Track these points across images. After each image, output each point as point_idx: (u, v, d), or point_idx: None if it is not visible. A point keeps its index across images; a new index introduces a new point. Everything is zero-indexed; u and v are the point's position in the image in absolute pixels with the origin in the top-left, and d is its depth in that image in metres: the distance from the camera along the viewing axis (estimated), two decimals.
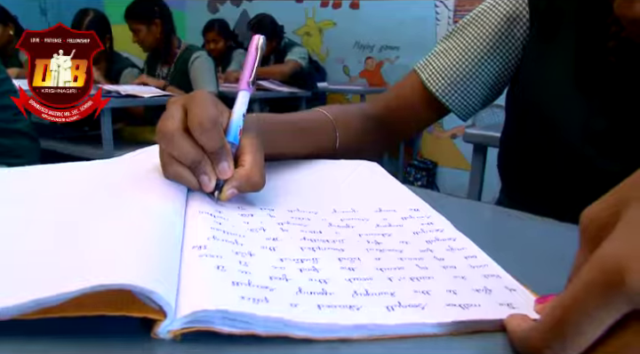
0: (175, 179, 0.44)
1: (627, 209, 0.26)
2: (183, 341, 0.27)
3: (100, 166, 0.51)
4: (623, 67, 0.67)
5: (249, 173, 0.45)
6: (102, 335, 0.27)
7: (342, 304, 0.30)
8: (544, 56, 0.75)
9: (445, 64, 0.80)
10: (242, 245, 0.35)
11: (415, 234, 0.43)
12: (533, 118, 0.76)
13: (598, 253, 0.24)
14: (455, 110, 0.81)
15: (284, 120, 0.64)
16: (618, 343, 0.23)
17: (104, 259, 0.28)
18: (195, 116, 0.44)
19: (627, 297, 0.23)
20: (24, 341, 0.26)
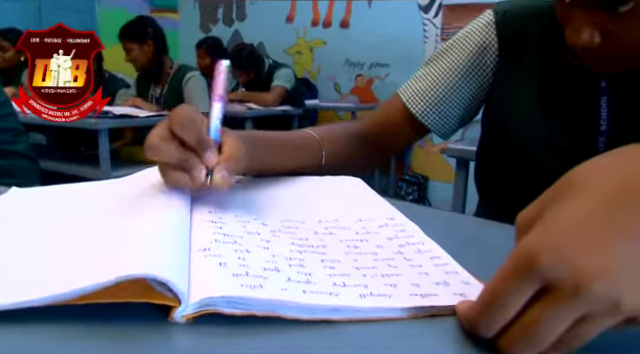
0: (174, 184, 0.49)
1: (546, 211, 0.33)
2: (195, 324, 0.33)
3: (114, 185, 0.58)
4: (578, 90, 0.75)
5: (232, 153, 0.51)
6: (128, 319, 0.33)
7: (324, 291, 0.37)
8: (512, 81, 0.82)
9: (424, 87, 0.87)
10: (240, 245, 0.42)
11: (389, 239, 0.50)
12: (503, 137, 0.83)
13: (519, 245, 0.31)
14: (434, 130, 0.88)
15: (272, 137, 0.70)
16: (532, 312, 0.30)
17: (132, 256, 0.34)
18: (176, 119, 0.49)
19: (538, 276, 0.29)
20: (68, 320, 0.33)
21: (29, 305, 0.32)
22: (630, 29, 0.61)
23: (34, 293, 0.32)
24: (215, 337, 0.33)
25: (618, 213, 0.31)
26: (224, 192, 0.51)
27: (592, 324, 0.29)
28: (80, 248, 0.39)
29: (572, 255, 0.29)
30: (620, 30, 0.61)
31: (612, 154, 0.35)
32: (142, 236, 0.38)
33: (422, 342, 0.34)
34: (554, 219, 0.32)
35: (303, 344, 0.33)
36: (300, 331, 0.34)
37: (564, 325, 0.29)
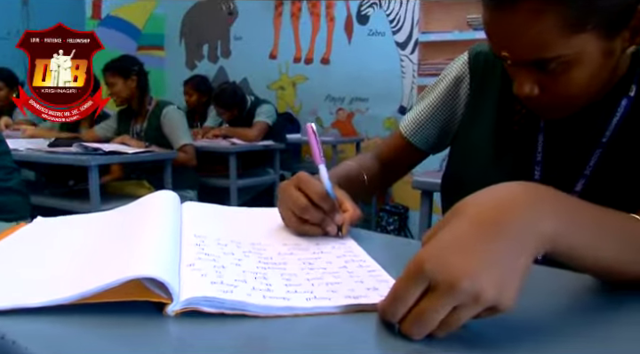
0: (307, 233, 0.71)
1: (438, 231, 0.45)
2: (181, 317, 0.45)
3: (121, 212, 0.70)
4: (524, 131, 0.88)
5: (353, 214, 0.73)
6: (133, 312, 0.45)
7: (279, 297, 0.49)
8: (474, 121, 0.95)
9: (412, 114, 1.04)
10: (217, 262, 0.54)
11: (338, 257, 0.62)
12: (461, 171, 0.96)
13: (414, 257, 0.43)
14: (422, 147, 1.03)
15: (342, 175, 0.92)
16: (421, 304, 0.43)
17: (141, 263, 0.46)
18: (313, 194, 0.71)
19: (424, 278, 0.42)
20: (86, 314, 0.44)
21: (62, 302, 0.44)
22: (559, 83, 0.74)
23: (65, 293, 0.44)
24: (196, 327, 0.44)
25: (482, 232, 0.44)
26: (206, 220, 0.64)
27: (463, 311, 0.42)
28: (100, 259, 0.51)
29: (446, 263, 0.42)
30: (552, 84, 0.75)
31: (488, 189, 0.48)
32: (147, 251, 0.50)
33: (352, 329, 0.46)
34: (439, 237, 0.44)
35: (259, 332, 0.45)
36: (258, 323, 0.46)
37: (443, 312, 0.42)
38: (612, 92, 0.81)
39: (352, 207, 0.74)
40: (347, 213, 0.73)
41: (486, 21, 0.74)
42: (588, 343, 0.45)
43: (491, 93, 0.92)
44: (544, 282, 0.59)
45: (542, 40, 0.69)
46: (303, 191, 0.71)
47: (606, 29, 0.69)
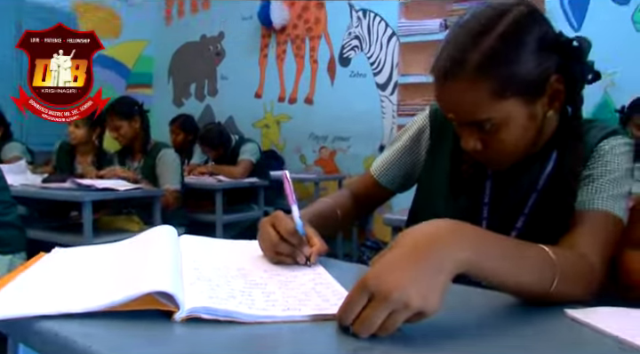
0: (281, 262, 0.85)
1: (385, 254, 0.60)
2: (185, 322, 0.59)
3: (131, 243, 0.84)
4: (475, 182, 1.03)
5: (319, 248, 0.87)
6: (146, 318, 0.58)
7: (260, 308, 0.63)
8: (434, 166, 1.11)
9: (382, 158, 1.19)
10: (212, 282, 0.68)
11: (309, 280, 0.76)
12: (423, 209, 1.11)
13: (363, 276, 0.58)
14: (389, 187, 1.18)
15: (316, 214, 1.04)
16: (365, 311, 0.57)
17: (156, 281, 0.60)
18: (284, 231, 0.85)
19: (367, 291, 0.56)
20: (113, 319, 0.57)
21: (96, 310, 0.58)
22: (494, 140, 0.90)
23: (98, 303, 0.58)
24: (197, 329, 0.58)
25: (413, 256, 0.59)
26: (201, 250, 0.78)
27: (397, 316, 0.56)
28: (122, 278, 0.65)
29: (384, 279, 0.57)
30: (489, 141, 0.91)
31: (422, 224, 0.63)
32: (158, 272, 0.64)
33: (317, 331, 0.60)
34: (381, 260, 0.59)
35: (245, 333, 0.59)
36: (244, 327, 0.60)
37: (381, 317, 0.56)
38: (546, 146, 0.97)
39: (319, 242, 0.88)
40: (314, 247, 0.87)
41: (435, 90, 0.91)
42: (494, 342, 0.60)
43: (446, 145, 1.08)
44: (468, 297, 0.74)
45: (476, 105, 0.85)
46: (276, 228, 0.86)
47: (526, 97, 0.86)
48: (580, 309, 0.70)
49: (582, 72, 0.90)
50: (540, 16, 0.90)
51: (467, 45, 0.85)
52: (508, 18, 0.86)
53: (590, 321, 0.65)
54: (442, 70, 0.88)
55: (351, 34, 4.87)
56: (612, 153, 0.92)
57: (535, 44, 0.86)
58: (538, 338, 0.62)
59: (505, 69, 0.84)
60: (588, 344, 0.61)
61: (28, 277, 0.71)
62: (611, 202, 0.88)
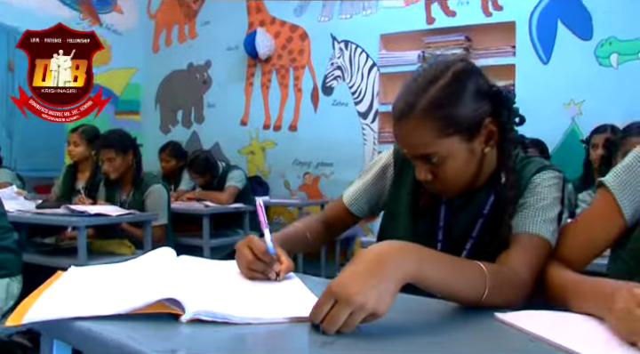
0: (255, 277, 1.00)
1: (347, 267, 0.76)
2: (190, 322, 0.74)
3: (138, 262, 0.99)
4: (432, 208, 1.20)
5: (287, 265, 1.03)
6: (158, 320, 0.74)
7: (249, 311, 0.78)
8: (397, 196, 1.27)
9: (352, 188, 1.36)
10: (208, 292, 0.83)
11: (288, 290, 0.92)
12: (389, 232, 1.27)
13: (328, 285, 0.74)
14: (355, 213, 1.35)
15: (284, 235, 1.20)
16: (331, 312, 0.73)
17: (166, 291, 0.75)
18: (257, 251, 1.02)
19: (332, 297, 0.73)
20: (133, 320, 0.73)
21: (121, 312, 0.73)
22: (441, 172, 1.08)
23: (120, 308, 0.73)
24: (199, 327, 0.73)
25: (368, 268, 0.75)
26: (196, 268, 0.94)
27: (355, 316, 0.72)
28: (139, 288, 0.80)
29: (345, 286, 0.73)
30: (437, 172, 1.08)
31: (377, 244, 0.79)
32: (167, 283, 0.79)
33: (294, 329, 0.76)
34: (343, 272, 0.75)
35: (237, 331, 0.74)
36: (236, 327, 0.75)
37: (343, 316, 0.72)
38: (490, 177, 1.15)
39: (287, 260, 1.05)
40: (283, 265, 1.04)
41: (393, 128, 1.09)
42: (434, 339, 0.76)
43: (407, 178, 1.25)
44: (415, 303, 0.91)
45: (423, 141, 1.03)
46: (251, 249, 1.03)
47: (465, 135, 1.04)
48: (509, 312, 0.86)
49: (509, 116, 1.08)
50: (477, 70, 1.09)
51: (417, 92, 1.04)
52: (451, 71, 1.05)
53: (515, 322, 0.82)
54: (397, 112, 1.07)
55: (333, 64, 5.07)
56: (543, 185, 1.10)
57: (472, 92, 1.04)
58: (470, 336, 0.79)
59: (447, 112, 1.03)
60: (510, 341, 0.77)
61: (56, 289, 0.86)
62: (540, 226, 1.05)
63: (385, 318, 0.75)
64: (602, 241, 1.05)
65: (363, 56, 4.92)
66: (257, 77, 5.52)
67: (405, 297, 0.82)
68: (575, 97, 4.00)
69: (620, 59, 3.86)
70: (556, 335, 0.74)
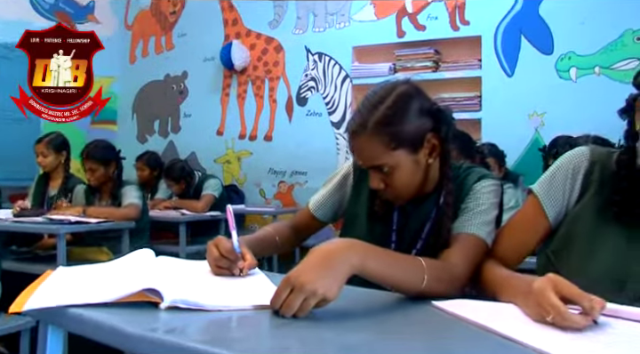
0: (221, 274, 1.12)
1: (302, 261, 0.89)
2: (168, 309, 0.87)
3: (121, 261, 1.11)
4: (387, 213, 1.33)
5: (250, 263, 1.15)
6: (140, 307, 0.86)
7: (219, 300, 0.91)
8: (356, 202, 1.41)
9: (317, 196, 1.49)
10: (183, 284, 0.96)
11: (253, 283, 1.05)
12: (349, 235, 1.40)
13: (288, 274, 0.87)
14: (320, 218, 1.47)
15: (255, 240, 1.32)
16: (289, 298, 0.86)
17: (147, 283, 0.88)
18: (223, 250, 1.14)
19: (289, 284, 0.86)
20: (120, 307, 0.85)
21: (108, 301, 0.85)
22: (391, 181, 1.22)
23: (107, 297, 0.85)
24: (176, 313, 0.86)
25: (319, 261, 0.89)
26: (172, 266, 1.07)
27: (308, 301, 0.85)
28: (124, 281, 0.92)
29: (300, 276, 0.86)
30: (388, 182, 1.22)
31: (328, 241, 0.93)
32: (148, 277, 0.91)
33: (259, 315, 0.89)
34: (299, 265, 0.88)
35: (209, 316, 0.87)
36: (208, 313, 0.88)
37: (298, 302, 0.85)
38: (437, 185, 1.29)
39: (250, 258, 1.17)
40: (246, 262, 1.16)
41: (348, 143, 1.22)
42: (376, 326, 0.89)
43: (365, 186, 1.39)
44: (362, 294, 1.05)
45: (373, 154, 1.18)
46: (218, 248, 1.15)
47: (410, 149, 1.18)
48: (444, 301, 1.00)
49: (447, 132, 1.23)
50: (420, 91, 1.24)
51: (367, 112, 1.19)
52: (396, 92, 1.20)
53: (449, 309, 0.95)
54: (351, 129, 1.22)
55: (308, 75, 5.20)
56: (482, 192, 1.25)
57: (415, 111, 1.19)
58: (408, 320, 0.93)
59: (393, 129, 1.17)
60: (443, 324, 0.91)
61: (49, 284, 0.98)
62: (477, 227, 1.19)
63: (335, 306, 0.88)
64: (531, 241, 1.19)
65: (336, 68, 5.05)
66: (233, 88, 5.62)
67: (355, 288, 0.96)
68: (538, 108, 4.19)
69: (579, 73, 4.07)
70: (483, 319, 0.88)
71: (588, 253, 1.10)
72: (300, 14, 5.26)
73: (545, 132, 4.09)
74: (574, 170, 1.15)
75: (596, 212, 1.11)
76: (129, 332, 0.77)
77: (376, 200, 1.35)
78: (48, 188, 3.62)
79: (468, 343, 0.82)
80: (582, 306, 0.81)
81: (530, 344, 0.74)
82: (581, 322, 0.80)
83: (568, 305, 0.82)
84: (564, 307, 0.82)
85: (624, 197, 1.08)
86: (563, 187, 1.15)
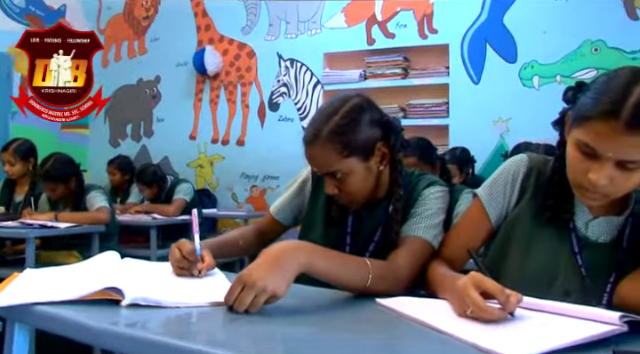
0: (182, 275, 1.19)
1: (254, 261, 0.97)
2: (129, 307, 0.93)
3: (87, 263, 1.17)
4: (342, 217, 1.41)
5: (208, 264, 1.21)
6: (103, 304, 0.92)
7: (176, 297, 0.97)
8: (314, 207, 1.48)
9: (279, 200, 1.56)
10: (144, 284, 1.02)
11: (211, 282, 1.12)
12: (307, 238, 1.47)
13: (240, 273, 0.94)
14: (281, 221, 1.54)
15: (219, 242, 1.40)
16: (241, 295, 0.93)
17: (109, 282, 0.94)
18: (184, 251, 1.21)
19: (241, 281, 0.94)
20: (84, 304, 0.91)
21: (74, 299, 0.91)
22: (344, 187, 1.29)
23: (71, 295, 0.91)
24: (136, 310, 0.92)
25: (269, 261, 0.96)
26: (136, 267, 1.13)
27: (259, 298, 0.93)
28: (87, 281, 0.98)
29: (251, 274, 0.93)
30: (342, 187, 1.30)
31: (279, 243, 1.00)
32: (111, 276, 0.97)
33: (214, 310, 0.95)
34: (251, 265, 0.95)
35: (168, 312, 0.93)
36: (167, 310, 0.94)
37: (249, 298, 0.92)
38: (388, 191, 1.37)
39: (209, 260, 1.24)
40: (205, 263, 1.23)
41: (304, 152, 1.30)
42: (324, 322, 0.97)
43: (322, 191, 1.46)
44: (311, 292, 1.13)
45: (327, 161, 1.26)
46: (180, 249, 1.22)
47: (362, 156, 1.26)
48: (388, 298, 1.07)
49: (396, 141, 1.32)
50: (371, 103, 1.33)
51: (322, 122, 1.28)
52: (349, 104, 1.29)
53: (392, 306, 1.03)
54: (306, 138, 1.30)
55: (280, 81, 5.27)
56: (430, 197, 1.33)
57: (365, 121, 1.28)
58: (353, 316, 1.00)
59: (345, 138, 1.25)
60: (385, 319, 0.99)
61: (16, 284, 1.03)
62: (423, 230, 1.28)
63: (285, 302, 0.96)
64: (475, 242, 1.28)
65: (307, 74, 5.13)
66: (205, 93, 5.67)
67: (304, 287, 1.04)
68: (503, 115, 4.33)
69: (541, 81, 4.21)
70: (421, 315, 0.96)
71: (525, 252, 1.19)
72: (272, 21, 5.33)
73: (509, 137, 4.22)
74: (514, 175, 1.24)
75: (532, 214, 1.20)
76: (91, 326, 0.83)
77: (332, 205, 1.42)
78: (14, 194, 3.60)
79: (408, 337, 0.90)
80: (498, 300, 0.89)
81: (457, 335, 0.83)
82: (498, 315, 0.88)
83: (489, 300, 0.91)
84: (483, 301, 0.90)
85: (556, 201, 1.17)
86: (503, 191, 1.24)
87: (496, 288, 0.91)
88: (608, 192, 1.05)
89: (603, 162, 1.01)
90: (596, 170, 1.02)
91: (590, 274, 1.14)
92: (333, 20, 5.02)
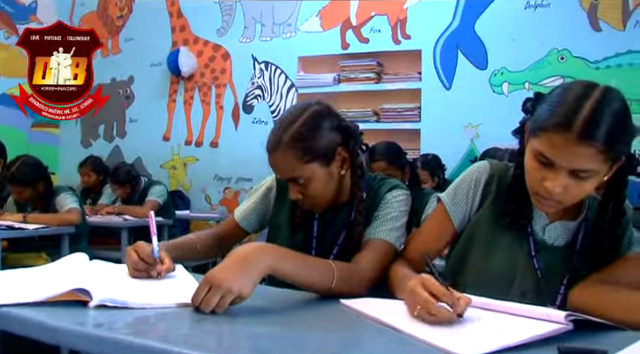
0: (139, 277, 1.18)
1: (221, 263, 0.99)
2: (96, 308, 0.95)
3: (57, 264, 1.19)
4: (308, 221, 1.44)
5: (167, 266, 1.22)
6: (71, 306, 0.94)
7: (144, 298, 1.00)
8: (280, 212, 1.50)
9: (242, 206, 1.58)
10: (111, 286, 1.04)
11: (176, 281, 1.14)
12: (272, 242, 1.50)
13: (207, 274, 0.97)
14: (244, 227, 1.56)
15: (176, 245, 1.42)
16: (207, 296, 0.95)
17: (77, 284, 0.95)
18: (141, 254, 1.21)
19: (207, 283, 0.96)
20: (53, 305, 0.92)
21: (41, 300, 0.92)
22: (307, 191, 1.32)
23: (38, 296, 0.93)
24: (103, 311, 0.94)
25: (234, 263, 0.99)
26: (104, 269, 1.15)
27: (225, 298, 0.95)
28: (57, 282, 0.99)
29: (216, 276, 0.96)
30: (304, 191, 1.33)
31: (244, 245, 1.03)
32: (79, 278, 0.99)
33: (181, 311, 0.98)
34: (216, 267, 0.98)
35: (134, 313, 0.95)
36: (134, 311, 0.96)
37: (215, 299, 0.95)
38: (351, 196, 1.40)
39: (168, 262, 1.25)
40: (164, 266, 1.23)
41: (268, 158, 1.33)
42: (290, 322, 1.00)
43: (287, 197, 1.48)
44: (278, 293, 1.16)
45: (289, 167, 1.29)
46: (137, 252, 1.23)
47: (323, 161, 1.30)
48: (351, 299, 1.11)
49: (355, 145, 1.37)
50: (330, 110, 1.37)
51: (282, 130, 1.31)
52: (308, 112, 1.33)
53: (355, 307, 1.07)
54: (269, 145, 1.34)
55: (254, 84, 5.28)
56: (392, 201, 1.37)
57: (325, 128, 1.32)
58: (317, 316, 1.04)
59: (306, 144, 1.29)
60: (347, 320, 1.02)
61: None
62: (386, 233, 1.32)
63: (251, 303, 0.99)
64: (439, 245, 1.32)
65: (282, 77, 5.15)
66: (179, 94, 5.65)
67: (270, 288, 1.07)
68: (473, 120, 4.41)
69: (511, 87, 4.30)
70: (381, 315, 0.99)
71: (486, 255, 1.24)
72: (247, 23, 5.34)
73: (480, 142, 4.30)
74: (476, 181, 1.29)
75: (493, 219, 1.25)
76: (58, 326, 0.85)
77: (297, 211, 1.45)
78: None
79: (368, 335, 0.94)
80: (445, 302, 0.93)
81: (412, 334, 0.87)
82: (446, 315, 0.92)
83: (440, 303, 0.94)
84: (432, 302, 0.93)
85: (516, 207, 1.22)
86: (466, 196, 1.29)
87: (443, 291, 0.93)
88: (562, 200, 1.10)
89: (557, 171, 1.06)
90: (551, 179, 1.07)
91: (545, 276, 1.19)
92: (308, 23, 5.05)
